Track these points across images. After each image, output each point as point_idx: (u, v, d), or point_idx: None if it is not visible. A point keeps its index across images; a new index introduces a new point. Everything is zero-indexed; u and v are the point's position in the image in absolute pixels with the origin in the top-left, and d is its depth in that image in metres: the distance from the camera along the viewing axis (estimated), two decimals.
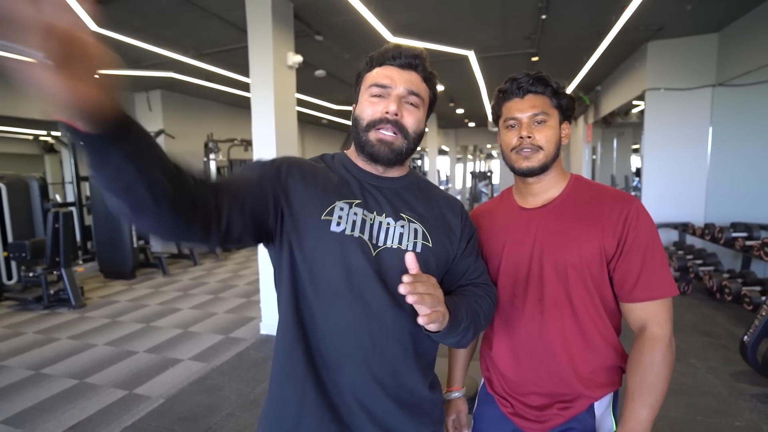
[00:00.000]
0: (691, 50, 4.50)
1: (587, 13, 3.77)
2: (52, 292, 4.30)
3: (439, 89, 5.75)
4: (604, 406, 0.92)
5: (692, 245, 4.45)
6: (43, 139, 9.35)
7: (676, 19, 4.00)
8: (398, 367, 0.80)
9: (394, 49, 0.81)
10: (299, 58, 3.50)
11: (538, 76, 0.92)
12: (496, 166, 18.83)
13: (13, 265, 4.65)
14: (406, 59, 0.80)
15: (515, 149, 0.92)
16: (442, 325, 0.71)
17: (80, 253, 5.96)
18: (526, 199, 0.98)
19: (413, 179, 0.91)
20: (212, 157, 6.72)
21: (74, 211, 5.82)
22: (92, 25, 3.65)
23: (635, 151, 10.67)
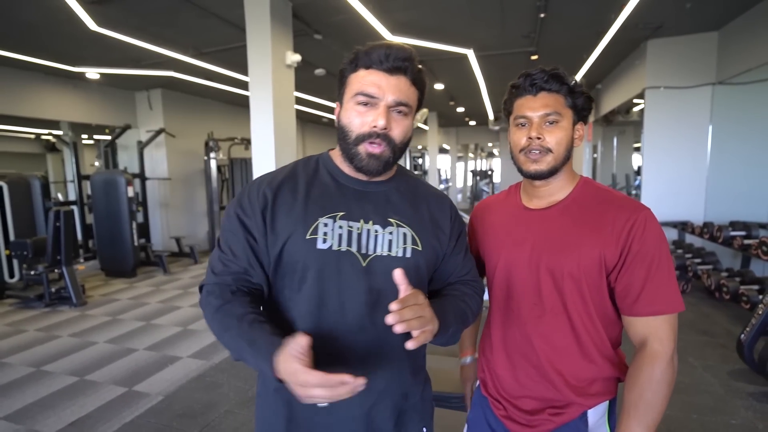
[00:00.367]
0: (690, 48, 4.49)
1: (586, 11, 3.77)
2: (53, 290, 4.34)
3: (439, 88, 5.74)
4: (598, 414, 0.89)
5: (691, 244, 4.45)
6: (45, 138, 9.42)
7: (675, 17, 3.99)
8: (391, 370, 0.83)
9: (381, 50, 0.77)
10: (298, 57, 3.51)
11: (553, 72, 0.86)
12: (497, 164, 18.81)
13: (15, 263, 4.69)
14: (394, 63, 0.76)
15: (524, 150, 0.88)
16: (432, 335, 0.72)
17: (81, 251, 5.99)
18: (531, 199, 0.95)
19: (401, 179, 0.90)
20: (212, 155, 6.73)
21: (75, 209, 5.85)
22: (91, 25, 3.67)
23: (637, 149, 10.65)
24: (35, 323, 3.87)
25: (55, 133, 7.29)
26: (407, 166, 9.55)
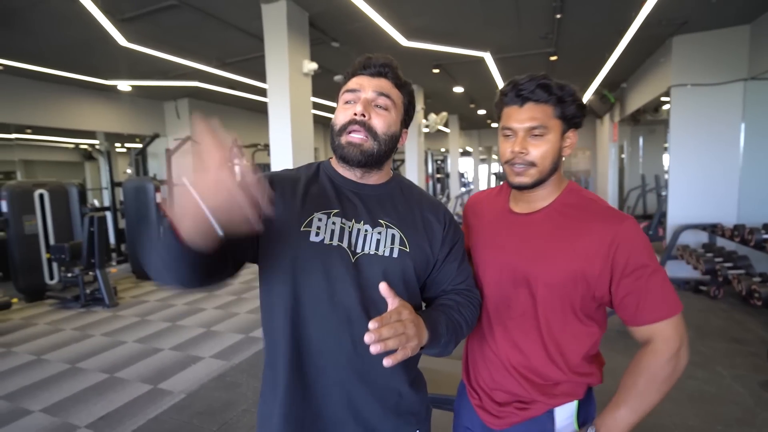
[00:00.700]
0: (719, 43, 4.31)
1: (604, 10, 3.69)
2: (88, 291, 4.58)
3: (458, 91, 5.72)
4: (566, 413, 0.89)
5: (722, 247, 4.25)
6: (83, 147, 9.96)
7: (700, 12, 3.85)
8: (381, 367, 0.84)
9: (365, 60, 0.86)
10: (314, 65, 3.60)
11: (541, 82, 0.84)
12: None
13: (54, 266, 4.99)
14: (375, 68, 0.85)
15: (509, 162, 0.88)
16: (415, 351, 0.72)
17: (114, 254, 6.30)
18: (518, 203, 0.95)
19: (395, 184, 0.92)
20: (236, 162, 6.95)
21: (109, 215, 6.16)
22: (122, 41, 3.88)
23: (668, 149, 10.23)
24: (71, 323, 4.10)
25: (90, 142, 7.69)
26: (429, 170, 9.52)
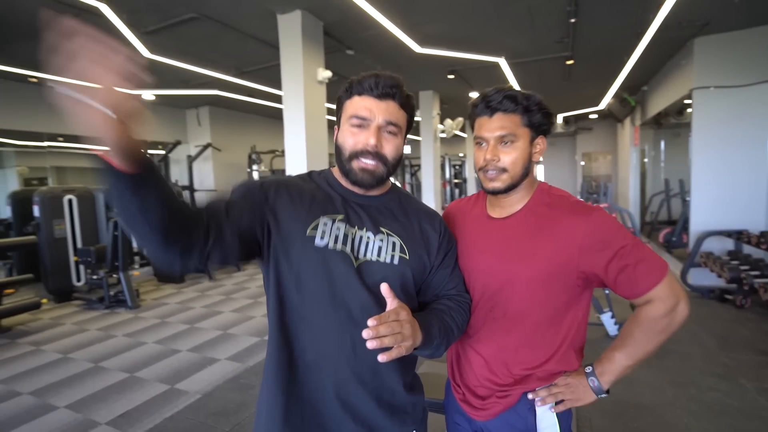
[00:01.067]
0: (743, 44, 4.18)
1: (620, 14, 3.64)
2: (112, 293, 4.75)
3: (474, 96, 5.77)
4: (548, 410, 0.94)
5: (749, 255, 4.10)
6: None
7: (723, 13, 3.75)
8: (378, 367, 0.86)
9: (371, 79, 0.85)
10: (328, 73, 3.67)
11: (508, 94, 0.91)
12: (540, 170, 18.23)
13: (81, 268, 5.19)
14: (383, 89, 0.84)
15: (482, 169, 0.94)
16: (409, 350, 0.75)
17: (138, 258, 6.50)
18: (494, 208, 1.01)
19: (393, 195, 0.96)
20: (255, 167, 7.11)
21: None
22: (145, 53, 4.03)
23: (690, 153, 9.91)
24: (96, 323, 4.25)
25: None
26: (447, 175, 9.50)
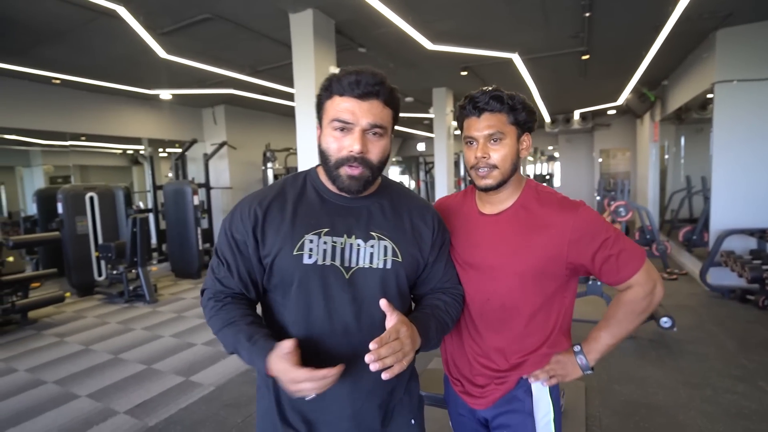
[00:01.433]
0: None
1: (636, 7, 3.54)
2: (131, 288, 4.90)
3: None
4: (540, 384, 1.00)
5: None
6: (130, 152, 10.62)
7: (746, 3, 3.62)
8: (378, 372, 0.88)
9: (352, 77, 0.79)
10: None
11: (493, 94, 0.94)
12: (557, 167, 17.91)
13: (102, 263, 5.36)
14: (365, 88, 0.79)
15: (473, 167, 0.98)
16: (409, 362, 0.79)
17: (156, 254, 6.67)
18: (485, 205, 1.04)
19: (384, 193, 0.94)
20: (270, 165, 7.20)
21: (151, 216, 6.54)
22: (162, 53, 4.12)
23: (711, 148, 9.59)
24: (116, 317, 4.39)
25: (136, 147, 8.19)
26: (461, 172, 9.43)
